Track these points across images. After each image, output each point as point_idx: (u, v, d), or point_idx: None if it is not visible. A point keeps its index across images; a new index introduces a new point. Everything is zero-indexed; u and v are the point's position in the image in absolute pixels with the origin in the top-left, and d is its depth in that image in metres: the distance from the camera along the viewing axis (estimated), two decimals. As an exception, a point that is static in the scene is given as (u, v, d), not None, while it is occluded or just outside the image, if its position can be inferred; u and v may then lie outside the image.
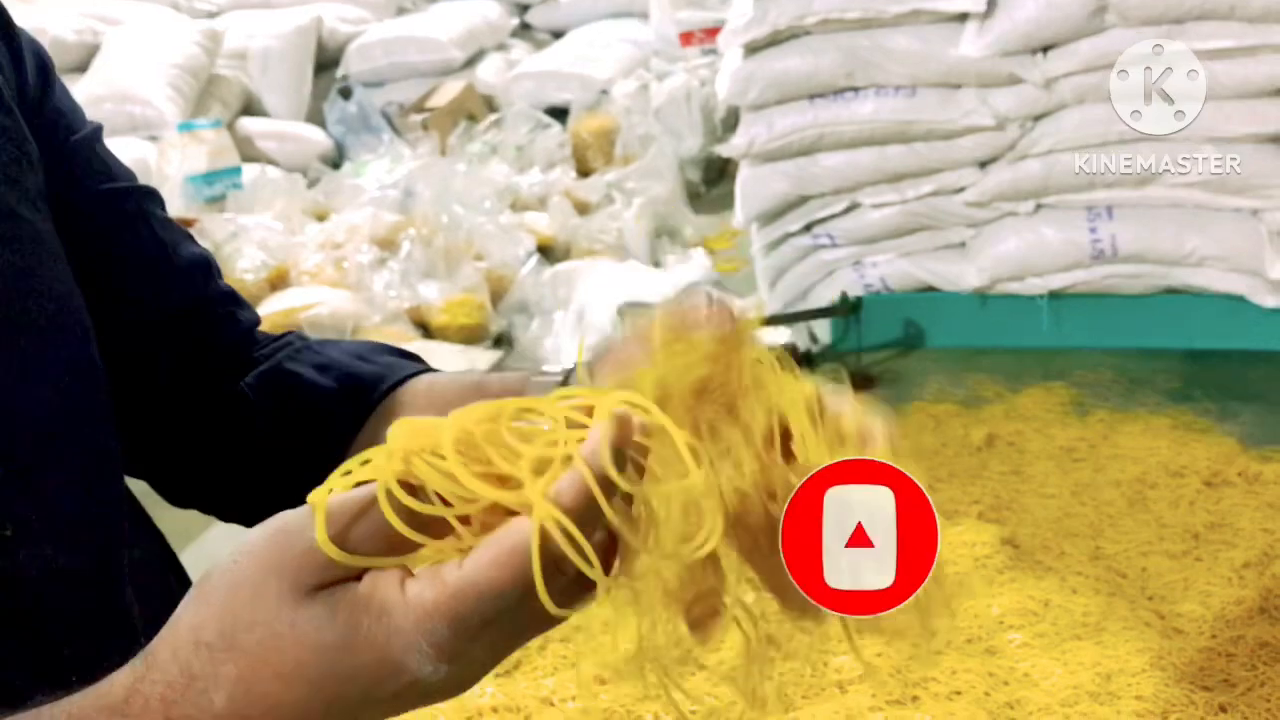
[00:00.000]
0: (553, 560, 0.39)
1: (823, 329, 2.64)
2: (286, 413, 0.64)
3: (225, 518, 0.69)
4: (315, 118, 4.35)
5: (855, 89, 2.44)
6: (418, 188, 3.32)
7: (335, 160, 4.17)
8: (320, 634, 0.40)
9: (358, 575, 0.41)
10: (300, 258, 2.97)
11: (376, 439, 0.61)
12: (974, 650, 1.63)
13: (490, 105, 4.40)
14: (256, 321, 0.69)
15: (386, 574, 0.41)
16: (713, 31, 4.11)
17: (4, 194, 0.58)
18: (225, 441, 0.65)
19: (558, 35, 4.97)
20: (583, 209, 3.49)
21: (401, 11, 4.86)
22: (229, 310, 0.68)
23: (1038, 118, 2.37)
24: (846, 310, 2.53)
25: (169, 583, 0.64)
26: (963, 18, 2.34)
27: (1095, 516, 1.92)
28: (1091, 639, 1.61)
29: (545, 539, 0.38)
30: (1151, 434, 2.14)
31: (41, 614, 0.53)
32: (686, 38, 4.39)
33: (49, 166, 0.62)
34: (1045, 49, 2.32)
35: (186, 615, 0.43)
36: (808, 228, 2.62)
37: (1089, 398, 2.33)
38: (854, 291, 2.59)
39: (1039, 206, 2.44)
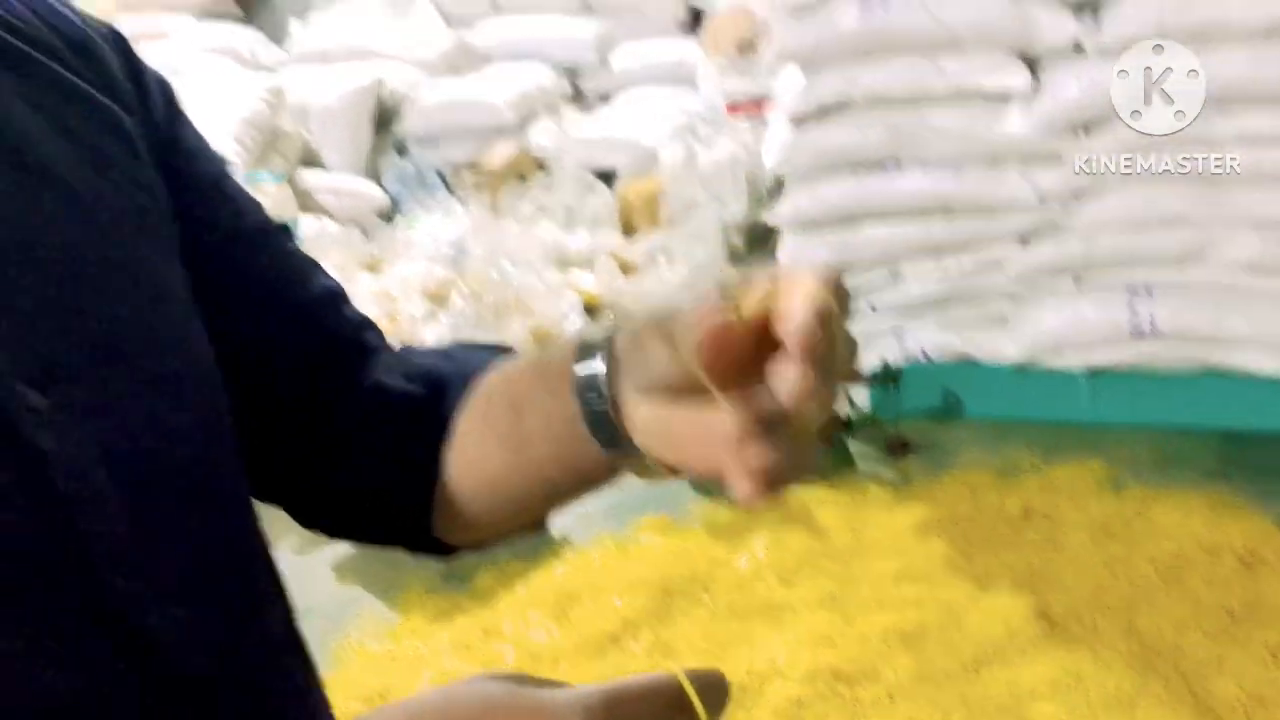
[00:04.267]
0: None
1: (862, 396, 2.68)
2: (382, 425, 0.66)
3: (344, 536, 0.71)
4: (372, 173, 4.47)
5: (900, 163, 2.49)
6: (469, 244, 3.40)
7: (390, 215, 4.28)
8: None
9: None
10: (353, 309, 3.06)
11: (464, 429, 0.63)
12: None
13: (541, 167, 4.50)
14: (383, 343, 0.71)
15: None
16: (759, 103, 4.19)
17: (134, 244, 0.58)
18: (341, 460, 0.67)
19: (608, 101, 5.09)
20: (628, 269, 3.56)
21: (459, 74, 5.00)
22: (358, 337, 0.69)
23: (1079, 196, 2.41)
24: (886, 378, 2.56)
25: (297, 636, 0.64)
26: (1007, 97, 2.40)
27: (1129, 591, 1.93)
28: (1124, 714, 1.62)
29: None
30: (1187, 511, 2.15)
31: (172, 680, 0.53)
32: (733, 107, 4.47)
33: (181, 208, 0.62)
34: (1087, 129, 2.37)
35: None
36: (849, 296, 2.66)
37: (1125, 473, 2.34)
38: (894, 359, 2.62)
39: (1079, 283, 2.47)
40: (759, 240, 4.11)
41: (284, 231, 0.70)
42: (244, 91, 4.27)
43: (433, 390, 0.66)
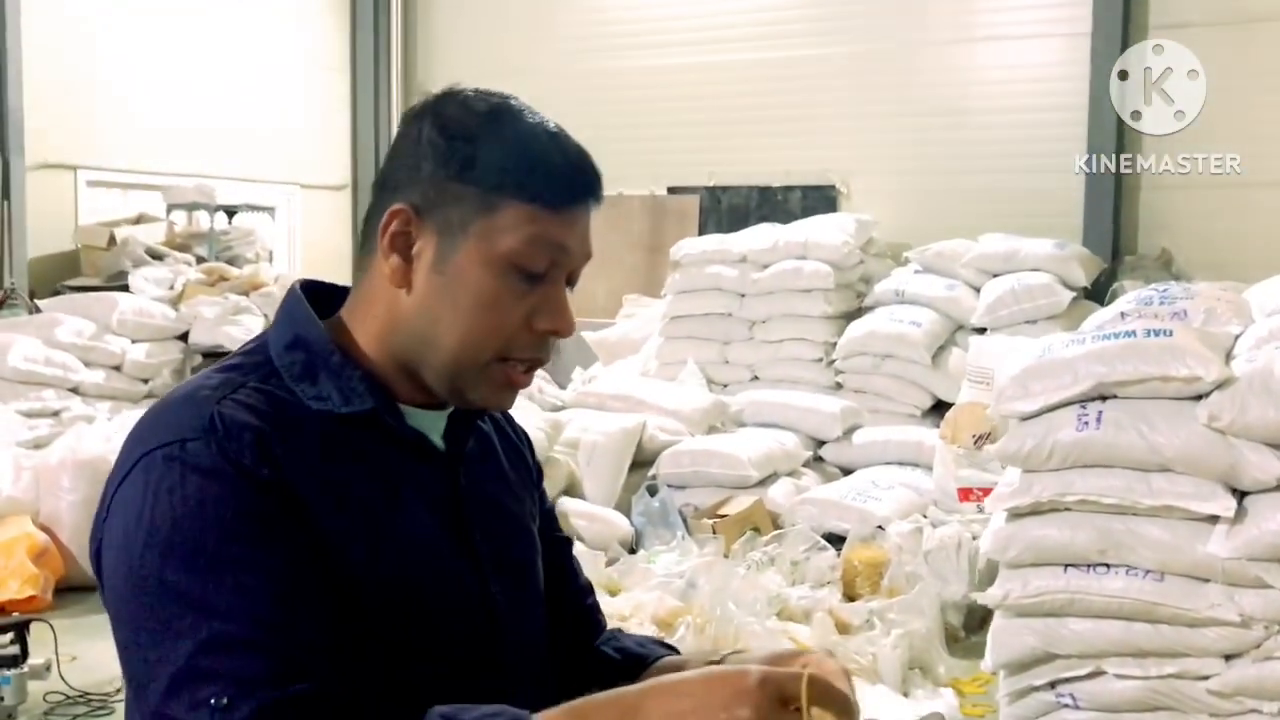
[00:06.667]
0: None
1: (1056, 786, 2.73)
2: (598, 676, 1.15)
3: None
4: (623, 506, 4.98)
5: (1107, 565, 2.68)
6: (700, 581, 3.75)
7: (632, 545, 4.72)
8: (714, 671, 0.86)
9: None
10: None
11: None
12: None
13: (775, 522, 4.87)
14: (604, 619, 1.26)
15: None
16: (990, 491, 4.44)
17: (528, 523, 1.16)
18: (575, 686, 1.11)
19: (846, 472, 5.47)
20: (843, 629, 3.77)
21: (712, 430, 5.57)
22: (597, 616, 1.26)
23: (1285, 628, 2.51)
24: (1081, 772, 2.62)
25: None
26: (1213, 519, 2.59)
27: None
28: None
29: None
30: None
31: None
32: (964, 493, 4.73)
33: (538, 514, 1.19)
34: (1293, 561, 2.51)
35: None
36: (1052, 684, 2.79)
37: None
38: (1092, 756, 2.68)
39: (1285, 709, 2.52)
40: (976, 622, 4.22)
41: (571, 543, 1.29)
42: (528, 421, 4.95)
43: (630, 663, 1.20)
